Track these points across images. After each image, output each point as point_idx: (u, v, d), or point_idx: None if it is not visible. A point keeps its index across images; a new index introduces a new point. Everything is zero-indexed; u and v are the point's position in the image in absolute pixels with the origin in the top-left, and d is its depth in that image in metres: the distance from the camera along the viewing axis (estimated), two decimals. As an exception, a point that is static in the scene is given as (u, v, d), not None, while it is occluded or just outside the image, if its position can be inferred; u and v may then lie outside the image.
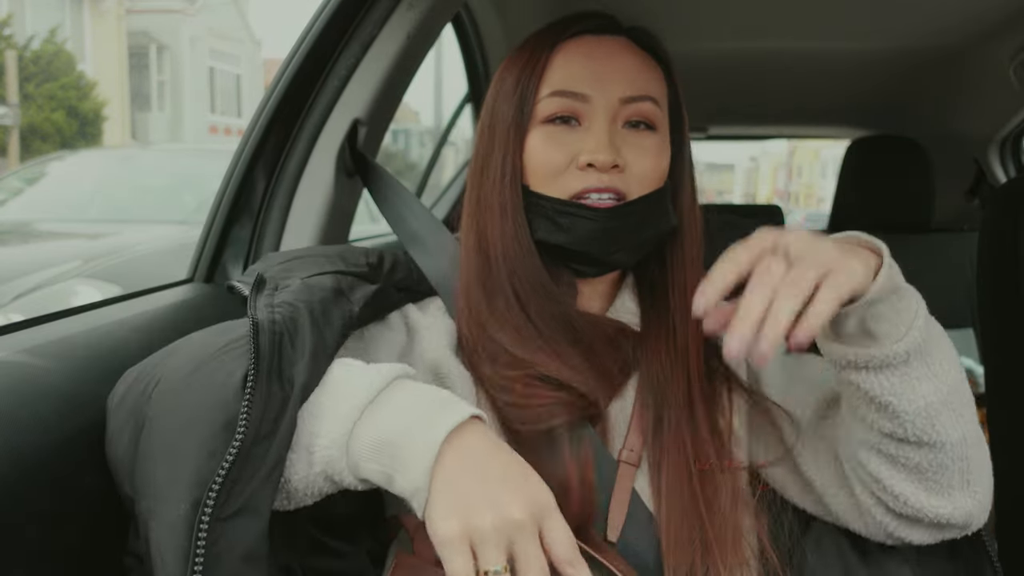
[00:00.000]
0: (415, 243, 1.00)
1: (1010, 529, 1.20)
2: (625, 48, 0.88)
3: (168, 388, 0.67)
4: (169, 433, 0.65)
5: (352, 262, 0.86)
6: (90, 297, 3.18)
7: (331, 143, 1.17)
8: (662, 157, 0.86)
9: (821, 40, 1.87)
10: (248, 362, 0.66)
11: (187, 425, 0.64)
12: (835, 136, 3.17)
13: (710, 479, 0.81)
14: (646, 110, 0.85)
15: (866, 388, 0.70)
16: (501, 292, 0.84)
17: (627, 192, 0.83)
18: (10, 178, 5.50)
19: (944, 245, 2.23)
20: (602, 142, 0.82)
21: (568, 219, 0.83)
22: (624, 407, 0.86)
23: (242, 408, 0.64)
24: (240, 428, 0.63)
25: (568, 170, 0.84)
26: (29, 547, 0.69)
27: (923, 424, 0.70)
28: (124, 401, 0.71)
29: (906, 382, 0.70)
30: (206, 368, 0.67)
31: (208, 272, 1.16)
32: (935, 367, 0.71)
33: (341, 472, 0.66)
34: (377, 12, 1.14)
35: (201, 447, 0.63)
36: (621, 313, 0.90)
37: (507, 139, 0.86)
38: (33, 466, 0.70)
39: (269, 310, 0.71)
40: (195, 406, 0.65)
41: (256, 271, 0.83)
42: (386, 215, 1.12)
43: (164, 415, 0.66)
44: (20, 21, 15.01)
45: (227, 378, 0.65)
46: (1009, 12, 1.60)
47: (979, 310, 1.29)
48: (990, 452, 0.79)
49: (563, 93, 0.84)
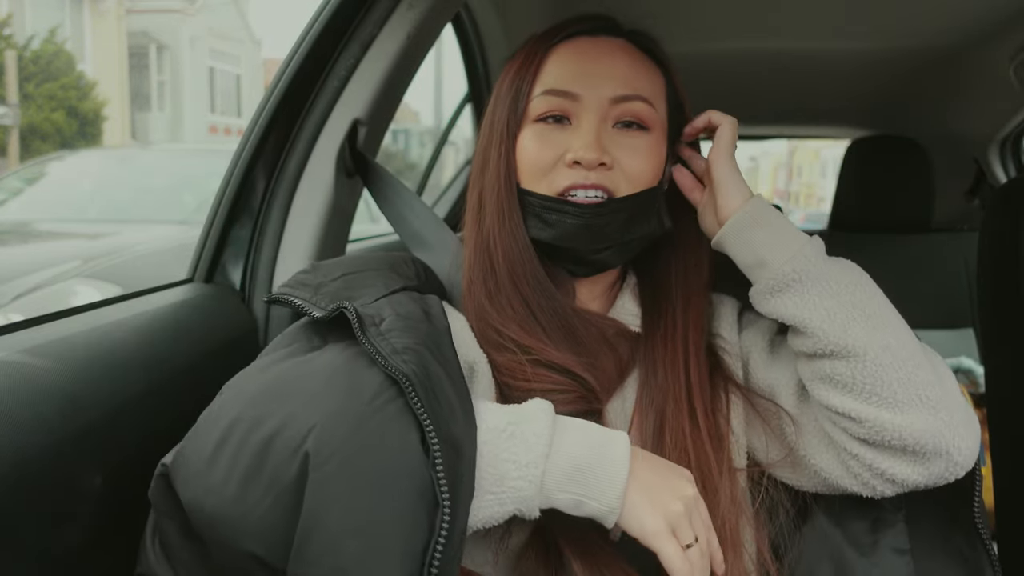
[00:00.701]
0: (418, 242, 1.00)
1: (1010, 529, 1.20)
2: (620, 48, 0.88)
3: (332, 451, 0.63)
4: (355, 501, 0.62)
5: (404, 273, 0.86)
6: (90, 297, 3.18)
7: (331, 143, 1.17)
8: (654, 157, 0.87)
9: (821, 40, 1.87)
10: (416, 422, 0.66)
11: (377, 494, 0.63)
12: (835, 136, 3.17)
13: (709, 480, 0.81)
14: (637, 110, 0.85)
15: (778, 314, 0.81)
16: (504, 289, 0.85)
17: (615, 190, 0.84)
18: (10, 178, 5.49)
19: (944, 245, 2.23)
20: (589, 140, 0.83)
21: (554, 215, 0.84)
22: (624, 407, 0.86)
23: (439, 479, 0.63)
24: (446, 501, 0.63)
25: (556, 167, 0.84)
26: (29, 547, 0.69)
27: (834, 335, 0.78)
28: (227, 449, 0.67)
29: (806, 299, 0.79)
30: (369, 426, 0.65)
31: (208, 272, 1.16)
32: (834, 286, 0.79)
33: (531, 506, 0.70)
34: (377, 12, 1.15)
35: (401, 519, 0.62)
36: (621, 314, 0.90)
37: (502, 138, 0.87)
38: (33, 466, 0.70)
39: (399, 358, 0.69)
40: (379, 473, 0.63)
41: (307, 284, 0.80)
42: (387, 215, 1.12)
43: (339, 481, 0.63)
44: (20, 21, 15.00)
45: (402, 441, 0.64)
46: (1009, 12, 1.60)
47: (979, 310, 1.29)
48: (990, 452, 0.79)
49: (554, 92, 0.85)
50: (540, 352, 0.83)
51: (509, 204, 0.86)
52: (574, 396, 0.82)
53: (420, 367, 0.68)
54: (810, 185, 35.97)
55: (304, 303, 0.78)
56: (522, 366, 0.82)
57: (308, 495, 0.63)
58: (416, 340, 0.72)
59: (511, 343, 0.83)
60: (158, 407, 0.89)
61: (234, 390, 0.73)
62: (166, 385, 0.91)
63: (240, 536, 0.65)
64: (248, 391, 0.71)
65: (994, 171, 2.42)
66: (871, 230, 2.26)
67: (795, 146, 32.46)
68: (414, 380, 0.67)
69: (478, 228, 0.88)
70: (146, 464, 0.82)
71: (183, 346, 0.98)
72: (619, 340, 0.87)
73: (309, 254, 1.18)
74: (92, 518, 0.77)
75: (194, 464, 0.68)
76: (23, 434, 0.70)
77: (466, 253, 0.89)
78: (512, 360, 0.83)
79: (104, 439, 0.80)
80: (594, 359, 0.84)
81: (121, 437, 0.83)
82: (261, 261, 1.16)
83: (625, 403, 0.86)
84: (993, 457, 1.22)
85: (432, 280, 0.91)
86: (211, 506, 0.67)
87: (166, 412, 0.90)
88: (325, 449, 0.64)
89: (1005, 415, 1.20)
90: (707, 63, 2.06)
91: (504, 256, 0.85)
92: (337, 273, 0.83)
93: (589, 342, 0.85)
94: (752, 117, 2.89)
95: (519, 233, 0.86)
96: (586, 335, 0.85)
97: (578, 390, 0.82)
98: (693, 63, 2.04)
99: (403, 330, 0.73)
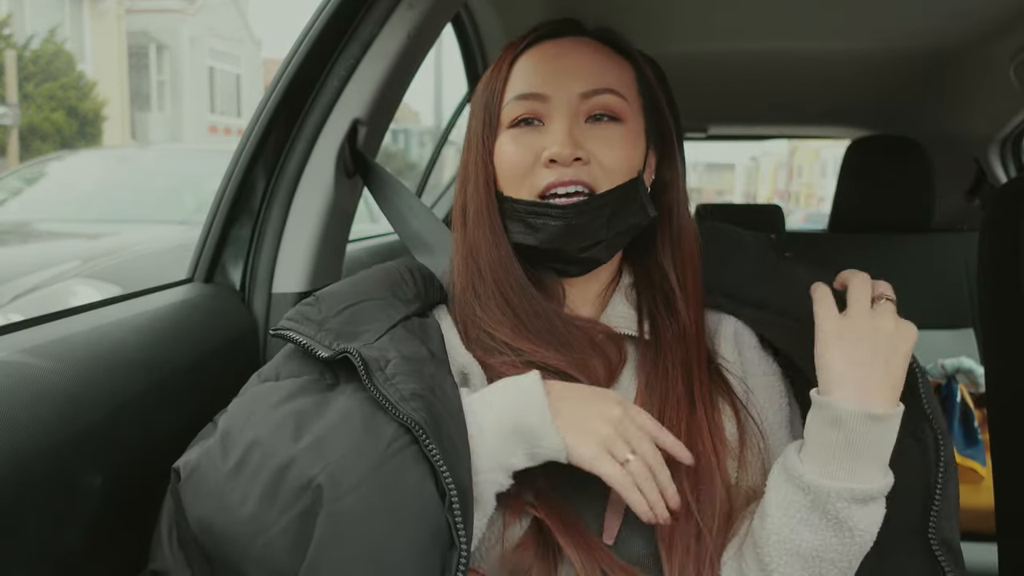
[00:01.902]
0: (417, 243, 1.01)
1: (1010, 529, 1.20)
2: (585, 46, 0.89)
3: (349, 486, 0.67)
4: (370, 535, 0.66)
5: (404, 297, 0.87)
6: (90, 297, 3.18)
7: (331, 143, 1.17)
8: (631, 148, 0.86)
9: (821, 40, 1.87)
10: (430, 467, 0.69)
11: (392, 530, 0.66)
12: (835, 136, 3.17)
13: (708, 484, 0.81)
14: (608, 102, 0.86)
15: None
16: (492, 297, 0.86)
17: (595, 185, 0.84)
18: (10, 178, 5.49)
19: (944, 245, 2.23)
20: (562, 137, 0.83)
21: (538, 219, 0.84)
22: None
23: (457, 522, 0.68)
24: (463, 544, 0.67)
25: (534, 169, 0.85)
26: (29, 547, 0.69)
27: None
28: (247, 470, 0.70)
29: None
30: (387, 468, 0.68)
31: (208, 272, 1.16)
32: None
33: (503, 480, 0.75)
34: (377, 12, 1.15)
35: (414, 556, 0.66)
36: (613, 317, 0.89)
37: (479, 148, 0.88)
38: (33, 467, 0.70)
39: (408, 406, 0.72)
40: (395, 511, 0.67)
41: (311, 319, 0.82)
42: (387, 215, 1.12)
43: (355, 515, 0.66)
44: (20, 21, 15.01)
45: (419, 484, 0.68)
46: (1009, 12, 1.60)
47: (979, 310, 1.29)
48: (990, 452, 0.79)
49: (523, 96, 0.86)
50: (532, 354, 0.83)
51: (490, 214, 0.87)
52: None
53: (429, 414, 0.72)
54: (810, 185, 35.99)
55: (309, 341, 0.80)
56: (516, 368, 0.82)
57: (320, 527, 0.66)
58: (422, 385, 0.75)
59: (503, 346, 0.84)
60: (158, 407, 0.89)
61: (247, 411, 0.76)
62: (166, 385, 0.91)
63: (246, 559, 0.68)
64: (267, 420, 0.74)
65: (994, 171, 2.42)
66: (871, 230, 2.26)
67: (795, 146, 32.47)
68: (426, 429, 0.70)
69: (463, 238, 0.89)
70: (146, 464, 0.82)
71: (183, 346, 0.98)
72: (607, 343, 0.87)
73: (309, 254, 1.18)
74: (92, 518, 0.77)
75: (211, 482, 0.71)
76: (23, 434, 0.70)
77: (455, 262, 0.90)
78: (505, 362, 0.83)
79: (104, 440, 0.80)
80: (585, 361, 0.84)
81: (121, 437, 0.83)
82: (261, 261, 1.16)
83: None
84: (993, 457, 1.22)
85: (432, 289, 0.92)
86: (223, 524, 0.69)
87: (166, 412, 0.90)
88: (343, 484, 0.67)
89: (1005, 415, 1.20)
90: (708, 63, 2.06)
91: (488, 265, 0.86)
92: (340, 306, 0.84)
93: (577, 346, 0.85)
94: (752, 117, 2.89)
95: (501, 242, 0.86)
96: (574, 339, 0.85)
97: None
98: (694, 63, 2.04)
99: (408, 374, 0.75)
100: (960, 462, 1.72)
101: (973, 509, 1.68)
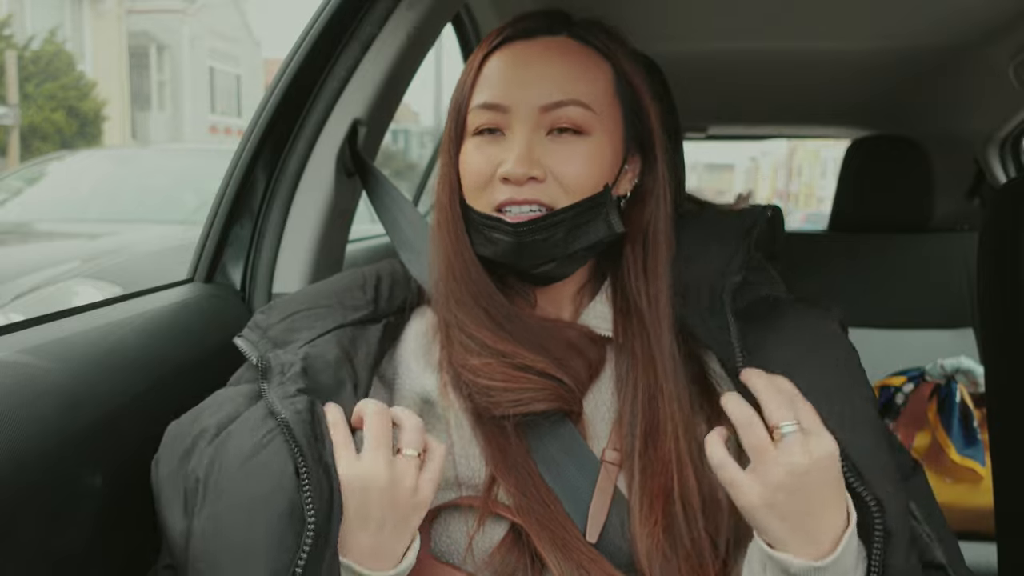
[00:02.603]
0: (407, 248, 1.00)
1: (1010, 529, 1.20)
2: (556, 49, 0.84)
3: (224, 476, 0.72)
4: (233, 523, 0.70)
5: (352, 304, 0.88)
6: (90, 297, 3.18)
7: (331, 143, 1.17)
8: (594, 163, 0.82)
9: (821, 40, 1.87)
10: (293, 454, 0.72)
11: (250, 516, 0.70)
12: (835, 136, 3.17)
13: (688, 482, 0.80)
14: (572, 115, 0.81)
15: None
16: (465, 303, 0.85)
17: (552, 202, 0.81)
18: (10, 178, 5.49)
19: (944, 245, 2.23)
20: (519, 155, 0.80)
21: (493, 232, 0.82)
22: (599, 408, 0.86)
23: (305, 497, 0.69)
24: (310, 516, 0.69)
25: (492, 183, 0.82)
26: (29, 547, 0.69)
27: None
28: (170, 467, 0.76)
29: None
30: (257, 459, 0.72)
31: (208, 272, 1.16)
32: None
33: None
34: (377, 12, 1.15)
35: (268, 537, 0.69)
36: (591, 318, 0.88)
37: (448, 154, 0.87)
38: (33, 466, 0.70)
39: (289, 402, 0.75)
40: (254, 497, 0.70)
41: (259, 326, 0.87)
42: (382, 219, 1.12)
43: (222, 499, 0.71)
44: (20, 21, 15.01)
45: (280, 471, 0.71)
46: (1009, 12, 1.60)
47: (979, 310, 1.29)
48: (990, 452, 0.79)
49: (486, 106, 0.83)
50: (513, 355, 0.82)
51: (455, 221, 0.85)
52: (552, 395, 0.81)
53: (305, 409, 0.75)
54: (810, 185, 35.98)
55: (248, 348, 0.84)
56: (499, 368, 0.81)
57: (198, 520, 0.71)
58: (311, 385, 0.78)
59: (484, 348, 0.83)
60: (158, 407, 0.89)
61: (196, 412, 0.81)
62: (166, 385, 0.91)
63: (172, 547, 0.74)
64: (200, 423, 0.79)
65: (994, 171, 2.42)
66: (871, 230, 2.26)
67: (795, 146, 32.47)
68: (292, 421, 0.73)
69: (438, 242, 0.88)
70: (146, 464, 0.82)
71: (183, 346, 0.98)
72: (585, 343, 0.86)
73: (309, 254, 1.18)
74: (92, 518, 0.77)
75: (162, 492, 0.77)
76: (23, 434, 0.70)
77: (433, 264, 0.89)
78: (487, 364, 0.82)
79: (104, 439, 0.80)
80: (564, 362, 0.84)
81: (121, 437, 0.83)
82: (261, 261, 1.17)
83: (600, 405, 0.86)
84: (993, 457, 1.22)
85: (398, 294, 0.92)
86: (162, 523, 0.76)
87: (166, 412, 0.90)
88: (223, 480, 0.72)
89: (1005, 415, 1.20)
90: (708, 63, 2.06)
91: (458, 272, 0.85)
92: (285, 313, 0.88)
93: (555, 348, 0.84)
94: (752, 117, 2.89)
95: (466, 250, 0.85)
96: (551, 341, 0.84)
97: (555, 390, 0.81)
98: (693, 63, 2.04)
99: (301, 374, 0.79)
100: (960, 462, 1.72)
101: (973, 509, 1.68)
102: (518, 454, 0.81)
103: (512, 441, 0.82)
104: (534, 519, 0.78)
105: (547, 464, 0.82)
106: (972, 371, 1.80)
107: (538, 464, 0.81)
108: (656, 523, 0.78)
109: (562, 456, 0.82)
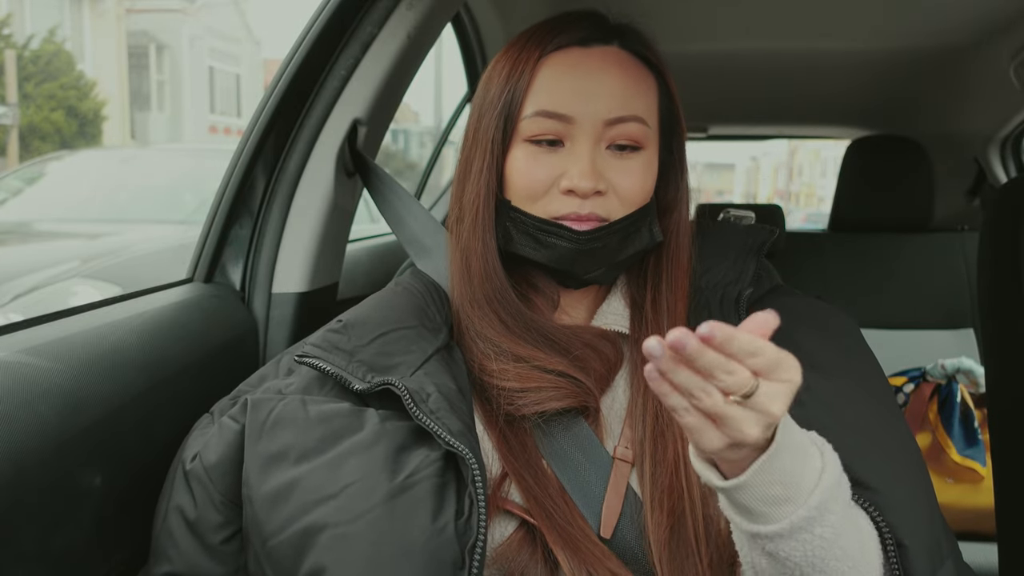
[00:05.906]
0: (415, 245, 1.00)
1: (1010, 529, 1.20)
2: (612, 61, 0.85)
3: (360, 514, 0.72)
4: (379, 566, 0.70)
5: (432, 325, 0.87)
6: (90, 297, 3.18)
7: (331, 143, 1.17)
8: (647, 176, 0.85)
9: (821, 40, 1.87)
10: (455, 496, 0.74)
11: (401, 560, 0.71)
12: (835, 136, 3.17)
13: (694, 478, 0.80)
14: (631, 131, 0.83)
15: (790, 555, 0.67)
16: (480, 305, 0.85)
17: (609, 215, 0.83)
18: (9, 178, 5.49)
19: (944, 245, 2.23)
20: (584, 168, 0.81)
21: (550, 238, 0.83)
22: (614, 406, 0.86)
23: (474, 562, 0.71)
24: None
25: (550, 192, 0.83)
26: (29, 546, 0.69)
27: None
28: (288, 507, 0.75)
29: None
30: (401, 499, 0.73)
31: (208, 272, 1.16)
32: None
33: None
34: (377, 12, 1.14)
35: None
36: (607, 315, 0.89)
37: (489, 154, 0.85)
38: (33, 466, 0.70)
39: (450, 437, 0.75)
40: (404, 543, 0.71)
41: (341, 348, 0.83)
42: (386, 216, 1.12)
43: (365, 545, 0.71)
44: (20, 21, 15.00)
45: (435, 513, 0.72)
46: (1009, 12, 1.60)
47: (979, 310, 1.29)
48: (990, 452, 0.79)
49: (547, 114, 0.82)
50: (532, 358, 0.83)
51: (486, 222, 0.85)
52: (568, 393, 0.82)
53: (473, 452, 0.75)
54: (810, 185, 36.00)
55: (340, 372, 0.80)
56: (515, 367, 0.82)
57: (324, 544, 0.71)
58: (464, 423, 0.78)
59: (501, 351, 0.83)
60: (158, 407, 0.89)
61: (289, 439, 0.79)
62: (166, 385, 0.91)
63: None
64: (307, 429, 0.78)
65: (994, 171, 2.42)
66: (871, 230, 2.26)
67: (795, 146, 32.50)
68: (479, 463, 0.75)
69: (457, 240, 0.87)
70: (146, 464, 0.82)
71: (183, 346, 0.98)
72: (601, 342, 0.87)
73: (309, 254, 1.18)
74: (92, 518, 0.77)
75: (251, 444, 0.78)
76: (23, 434, 0.70)
77: (451, 264, 0.89)
78: (503, 364, 0.83)
79: (104, 440, 0.80)
80: (582, 362, 0.84)
81: (121, 437, 0.83)
82: (261, 261, 1.16)
83: (615, 402, 0.86)
84: (993, 457, 1.22)
85: (445, 308, 0.90)
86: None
87: (166, 412, 0.90)
88: (354, 508, 0.72)
89: (1005, 415, 1.20)
90: (707, 63, 2.06)
91: (478, 273, 0.85)
92: (371, 335, 0.84)
93: (573, 348, 0.85)
94: (752, 117, 2.89)
95: (491, 254, 0.85)
96: (568, 343, 0.85)
97: (572, 387, 0.82)
98: (693, 63, 2.04)
99: (449, 411, 0.78)
100: (960, 462, 1.71)
101: (973, 509, 1.68)
102: (531, 452, 0.82)
103: (526, 439, 0.82)
104: (547, 516, 0.78)
105: (561, 461, 0.82)
106: (972, 371, 1.80)
107: (552, 461, 0.82)
108: (667, 520, 0.78)
109: (576, 453, 0.82)
